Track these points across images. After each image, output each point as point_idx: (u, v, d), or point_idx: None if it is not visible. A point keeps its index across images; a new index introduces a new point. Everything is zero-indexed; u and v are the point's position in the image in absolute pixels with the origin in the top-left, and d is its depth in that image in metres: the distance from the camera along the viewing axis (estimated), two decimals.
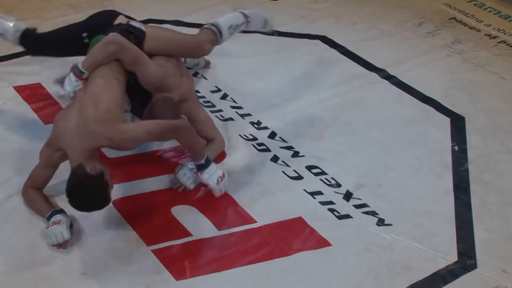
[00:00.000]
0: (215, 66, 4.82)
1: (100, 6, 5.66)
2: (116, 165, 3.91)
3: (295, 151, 4.03)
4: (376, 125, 4.21)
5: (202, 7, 5.64)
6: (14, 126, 4.13)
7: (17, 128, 4.12)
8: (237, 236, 3.46)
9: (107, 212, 3.58)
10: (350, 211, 3.61)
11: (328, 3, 5.68)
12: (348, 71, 4.79)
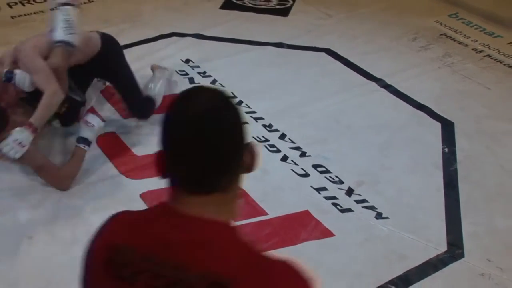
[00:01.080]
0: (231, 75, 4.80)
1: (130, 21, 5.68)
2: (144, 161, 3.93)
3: (303, 151, 4.02)
4: (375, 129, 4.20)
5: (220, 23, 5.62)
6: None
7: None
8: (250, 226, 3.45)
9: (136, 203, 3.60)
10: (351, 205, 3.60)
11: (332, 20, 5.66)
12: (350, 81, 4.78)
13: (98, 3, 6.08)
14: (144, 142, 4.12)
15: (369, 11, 5.78)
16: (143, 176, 3.82)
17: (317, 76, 4.82)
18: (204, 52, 5.17)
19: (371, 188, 3.72)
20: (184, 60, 5.04)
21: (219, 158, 1.33)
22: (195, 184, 1.36)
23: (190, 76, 4.83)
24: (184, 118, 1.33)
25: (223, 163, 1.35)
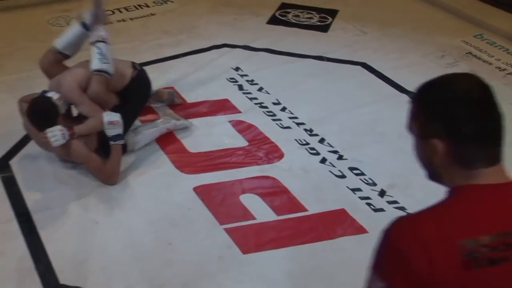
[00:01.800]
0: (277, 83, 4.79)
1: (187, 32, 5.71)
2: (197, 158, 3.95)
3: (340, 154, 3.99)
4: (406, 137, 4.06)
5: (266, 36, 5.62)
6: None
7: None
8: (292, 221, 3.46)
9: (189, 196, 3.62)
10: (383, 205, 3.56)
11: (368, 36, 5.62)
12: (383, 92, 4.73)
13: (159, 16, 6.12)
14: (197, 141, 4.15)
15: (401, 29, 5.72)
16: (196, 172, 3.86)
17: (353, 87, 4.78)
18: (252, 62, 5.17)
19: (402, 191, 3.67)
20: (234, 68, 5.05)
21: (503, 131, 1.40)
22: (495, 157, 1.39)
23: (239, 83, 4.83)
24: (474, 99, 1.37)
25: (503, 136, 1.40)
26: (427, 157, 1.49)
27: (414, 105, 1.49)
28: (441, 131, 1.37)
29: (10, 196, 3.66)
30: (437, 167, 1.46)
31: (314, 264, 3.16)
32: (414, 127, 1.50)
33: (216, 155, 3.98)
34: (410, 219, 1.45)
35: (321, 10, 6.14)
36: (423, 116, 1.44)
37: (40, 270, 3.13)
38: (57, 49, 3.96)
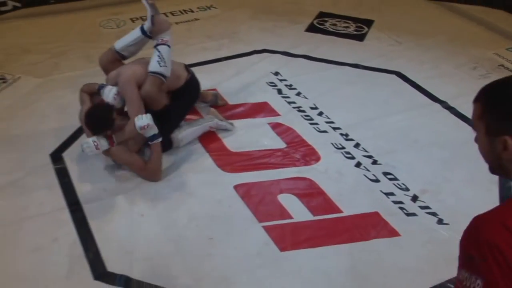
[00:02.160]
0: (314, 88, 4.77)
1: (229, 37, 5.72)
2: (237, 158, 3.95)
3: (374, 159, 3.95)
4: (438, 145, 4.10)
5: (305, 43, 5.60)
6: None
7: None
8: (327, 221, 3.43)
9: (230, 193, 3.62)
10: (416, 210, 3.51)
11: (402, 47, 5.56)
12: (417, 101, 4.67)
13: (203, 21, 6.15)
14: (238, 141, 4.14)
15: (434, 40, 5.65)
16: (236, 170, 3.86)
17: (388, 95, 4.73)
18: (290, 67, 5.15)
19: (434, 197, 3.62)
20: (274, 73, 5.04)
21: None
22: None
23: (278, 87, 4.81)
24: None
25: None
26: (495, 153, 1.48)
27: (479, 105, 1.50)
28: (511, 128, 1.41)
29: (62, 186, 3.70)
30: (505, 161, 1.47)
31: (348, 264, 3.13)
32: (480, 126, 1.50)
33: (255, 155, 3.97)
34: (494, 213, 1.43)
35: (357, 20, 6.11)
36: (490, 115, 1.45)
37: (89, 257, 3.16)
38: (116, 49, 4.02)
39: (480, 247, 1.36)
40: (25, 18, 6.09)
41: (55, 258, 3.17)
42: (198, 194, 3.64)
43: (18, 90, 4.78)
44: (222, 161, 3.91)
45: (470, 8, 6.37)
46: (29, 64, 5.19)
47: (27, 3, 6.26)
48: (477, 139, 1.56)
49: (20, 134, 4.22)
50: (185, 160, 3.93)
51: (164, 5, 6.38)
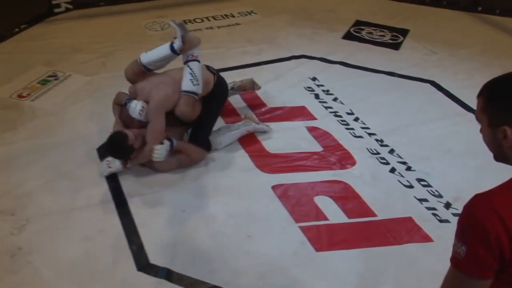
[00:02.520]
0: (350, 95, 4.74)
1: (268, 42, 5.72)
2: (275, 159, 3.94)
3: (408, 166, 3.90)
4: (472, 154, 4.01)
5: (342, 50, 5.58)
6: None
7: None
8: (362, 224, 3.40)
9: (268, 193, 3.62)
10: (449, 217, 3.45)
11: (437, 57, 5.49)
12: (450, 110, 4.60)
13: (244, 26, 6.16)
14: (276, 143, 4.13)
15: (469, 51, 5.57)
16: (274, 171, 3.85)
17: (422, 103, 4.67)
18: (328, 73, 5.13)
19: None
20: (311, 78, 5.01)
21: None
22: None
23: (315, 92, 4.79)
24: None
25: None
26: (497, 142, 1.62)
27: (481, 99, 1.66)
28: (510, 119, 1.54)
29: (108, 180, 3.73)
30: (506, 149, 1.61)
31: (381, 267, 3.09)
32: (483, 118, 1.64)
33: (293, 157, 3.95)
34: (490, 194, 1.62)
35: (393, 29, 6.05)
36: (491, 108, 1.60)
37: (133, 249, 3.19)
38: (142, 63, 3.91)
39: (469, 221, 1.58)
40: (76, 19, 6.18)
41: (102, 248, 3.20)
42: (237, 193, 3.64)
43: (69, 87, 4.85)
44: (261, 162, 3.91)
45: (504, 20, 6.26)
46: (79, 62, 5.26)
47: (79, 5, 6.34)
48: (481, 130, 1.70)
49: (70, 128, 4.28)
50: (225, 160, 3.94)
51: (207, 10, 6.46)
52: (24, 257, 3.12)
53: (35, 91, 4.74)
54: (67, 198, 3.57)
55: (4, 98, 4.62)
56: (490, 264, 1.52)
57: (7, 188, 3.62)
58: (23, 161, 3.89)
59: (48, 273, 3.03)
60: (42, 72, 5.04)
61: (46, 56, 5.33)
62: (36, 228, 3.32)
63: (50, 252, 3.17)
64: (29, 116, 4.42)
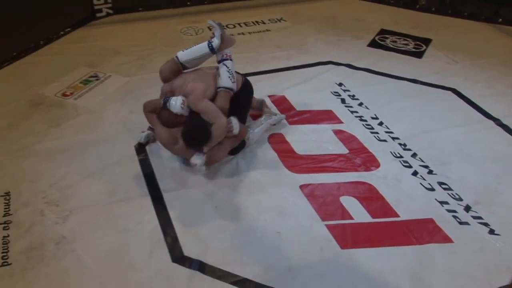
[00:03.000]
0: (374, 100, 4.72)
1: (297, 48, 5.71)
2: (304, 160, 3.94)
3: (430, 169, 3.87)
4: (491, 159, 3.99)
5: (367, 57, 5.54)
6: None
7: None
8: (385, 224, 3.39)
9: (296, 192, 3.62)
10: (468, 220, 3.43)
11: (458, 65, 5.42)
12: (471, 117, 4.55)
13: (274, 32, 6.15)
14: (304, 145, 4.11)
15: (489, 61, 5.50)
16: (302, 171, 3.83)
17: (444, 110, 4.62)
18: (353, 79, 5.10)
19: (486, 208, 3.53)
20: (338, 84, 4.99)
21: None
22: None
23: (342, 97, 4.77)
24: None
25: None
26: None
27: None
28: None
29: (145, 175, 3.77)
30: None
31: (403, 266, 3.08)
32: None
33: (320, 159, 3.94)
34: None
35: (416, 38, 6.00)
36: None
37: (168, 241, 3.22)
38: (180, 60, 3.94)
39: None
40: (116, 24, 6.23)
41: (139, 239, 3.24)
42: (267, 191, 3.64)
43: (109, 87, 4.90)
44: (290, 163, 3.90)
45: None
46: (118, 64, 5.31)
47: (118, 10, 6.40)
48: None
49: (109, 126, 4.32)
50: (256, 160, 3.94)
51: (239, 16, 6.48)
52: (68, 245, 3.18)
53: (78, 90, 4.80)
54: (107, 192, 3.61)
55: (49, 97, 4.69)
56: None
57: (53, 181, 3.68)
58: (66, 155, 3.94)
59: (89, 261, 3.08)
60: (85, 72, 5.10)
61: (88, 57, 5.39)
62: (78, 219, 3.37)
63: (91, 242, 3.21)
64: (72, 113, 4.47)
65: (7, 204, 3.47)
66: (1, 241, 3.19)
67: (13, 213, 3.41)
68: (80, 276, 2.99)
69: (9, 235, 3.24)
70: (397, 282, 2.98)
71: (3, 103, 4.57)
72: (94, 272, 3.01)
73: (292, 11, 6.73)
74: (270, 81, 4.99)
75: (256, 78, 4.82)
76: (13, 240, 3.20)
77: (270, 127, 4.24)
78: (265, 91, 4.73)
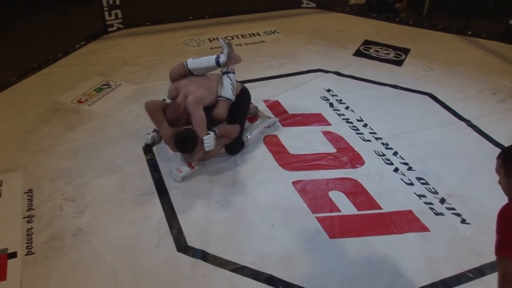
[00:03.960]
0: (360, 104, 4.73)
1: (289, 58, 5.71)
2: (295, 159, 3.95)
3: (409, 166, 3.89)
4: (463, 157, 4.02)
5: (352, 65, 5.55)
6: None
7: None
8: (369, 216, 3.42)
9: (289, 188, 3.63)
10: (443, 211, 3.46)
11: (433, 72, 5.44)
12: (445, 119, 4.58)
13: (268, 43, 6.16)
14: (296, 145, 4.13)
15: (461, 69, 5.52)
16: (294, 169, 3.85)
17: (421, 113, 4.64)
18: (340, 85, 5.11)
19: (458, 200, 3.55)
20: (326, 90, 5.00)
21: None
22: None
23: (330, 101, 4.78)
24: None
25: None
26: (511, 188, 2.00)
27: (499, 160, 2.04)
28: None
29: (152, 174, 3.79)
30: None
31: (386, 252, 3.11)
32: (501, 172, 2.02)
33: (310, 157, 3.96)
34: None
35: (396, 48, 6.02)
36: (506, 166, 2.00)
37: (173, 233, 3.24)
38: (188, 67, 3.98)
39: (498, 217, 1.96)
40: (126, 37, 6.23)
41: (147, 231, 3.26)
42: (263, 187, 3.65)
43: (119, 94, 4.90)
44: (283, 161, 3.92)
45: (490, 43, 6.19)
46: (128, 73, 5.31)
47: (128, 24, 6.40)
48: (500, 182, 2.06)
49: (120, 129, 4.33)
50: (253, 160, 3.95)
51: (237, 29, 6.49)
52: (84, 236, 3.20)
53: (92, 97, 4.81)
54: (117, 189, 3.62)
55: (66, 103, 4.70)
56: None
57: (70, 179, 3.70)
58: (82, 156, 3.96)
59: (103, 250, 3.10)
60: (97, 81, 5.11)
61: (100, 68, 5.39)
62: (93, 213, 3.39)
63: (105, 233, 3.23)
64: (87, 118, 4.49)
65: (30, 200, 3.49)
66: (26, 232, 3.22)
67: (36, 208, 3.43)
68: (95, 264, 3.02)
69: (32, 227, 3.26)
70: (380, 268, 3.01)
71: (27, 109, 4.58)
72: (107, 261, 3.03)
73: (284, 24, 6.74)
74: (265, 87, 5.00)
75: (253, 84, 4.83)
76: (36, 232, 3.23)
77: (265, 129, 4.27)
78: (261, 96, 4.75)
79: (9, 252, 3.07)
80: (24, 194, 3.54)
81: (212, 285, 2.89)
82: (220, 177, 3.76)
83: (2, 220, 3.31)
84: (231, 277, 2.94)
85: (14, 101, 4.74)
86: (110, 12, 6.22)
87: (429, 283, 2.93)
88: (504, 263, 1.88)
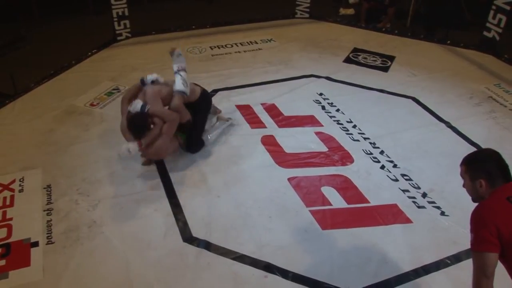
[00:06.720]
0: (349, 107, 4.78)
1: (284, 64, 5.75)
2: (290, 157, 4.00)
3: (395, 164, 3.96)
4: (443, 155, 4.08)
5: (343, 71, 5.60)
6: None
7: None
8: (358, 209, 3.48)
9: (284, 184, 3.68)
10: (425, 204, 3.53)
11: (417, 78, 5.50)
12: (427, 120, 4.65)
13: (264, 50, 6.19)
14: (291, 144, 4.18)
15: (441, 75, 5.59)
16: (289, 166, 3.91)
17: (405, 115, 4.71)
18: (332, 89, 5.16)
19: (438, 195, 3.62)
20: (319, 93, 5.05)
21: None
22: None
23: (322, 104, 4.84)
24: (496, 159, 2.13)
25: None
26: (475, 190, 2.13)
27: (463, 166, 2.19)
28: (482, 176, 2.09)
29: (159, 171, 3.83)
30: (481, 193, 2.11)
31: (373, 242, 3.18)
32: (466, 177, 2.16)
33: (304, 156, 4.02)
34: (484, 204, 2.04)
35: (383, 55, 6.08)
36: (470, 170, 2.15)
37: (179, 225, 3.30)
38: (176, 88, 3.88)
39: (472, 217, 2.05)
40: (134, 45, 6.26)
41: (155, 223, 3.31)
42: (261, 183, 3.71)
43: None
44: (279, 159, 3.97)
45: (466, 52, 6.25)
46: (135, 78, 5.15)
47: (135, 33, 6.44)
48: (464, 185, 2.18)
49: None
50: (250, 158, 4.00)
51: (235, 37, 6.52)
52: (98, 228, 3.25)
53: (103, 101, 4.85)
54: (128, 185, 3.67)
55: (80, 107, 4.74)
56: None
57: (85, 176, 3.75)
58: (94, 155, 4.00)
59: (115, 241, 3.15)
60: (108, 86, 5.15)
61: (111, 73, 5.43)
62: (105, 207, 3.44)
63: (117, 225, 3.29)
64: (99, 120, 4.53)
65: (49, 195, 3.54)
66: (46, 224, 3.28)
67: (54, 202, 3.48)
68: (108, 253, 3.07)
69: (51, 219, 3.32)
70: (368, 256, 3.07)
71: (44, 112, 4.62)
72: (119, 250, 3.09)
73: (280, 33, 6.79)
74: (262, 91, 5.04)
75: (250, 89, 4.90)
76: (54, 223, 3.28)
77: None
78: (258, 100, 4.80)
79: (32, 241, 3.13)
80: (43, 189, 3.59)
81: (215, 272, 2.95)
82: (221, 174, 3.80)
83: (25, 212, 3.36)
84: (233, 265, 3.00)
85: (33, 104, 4.78)
86: (120, 22, 6.26)
87: (412, 269, 3.00)
88: (479, 256, 1.97)
